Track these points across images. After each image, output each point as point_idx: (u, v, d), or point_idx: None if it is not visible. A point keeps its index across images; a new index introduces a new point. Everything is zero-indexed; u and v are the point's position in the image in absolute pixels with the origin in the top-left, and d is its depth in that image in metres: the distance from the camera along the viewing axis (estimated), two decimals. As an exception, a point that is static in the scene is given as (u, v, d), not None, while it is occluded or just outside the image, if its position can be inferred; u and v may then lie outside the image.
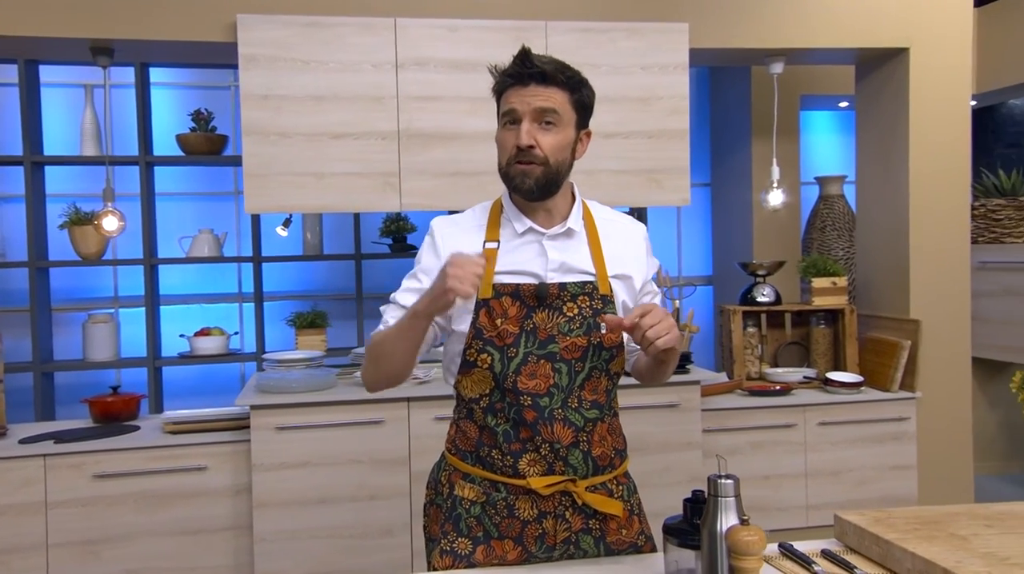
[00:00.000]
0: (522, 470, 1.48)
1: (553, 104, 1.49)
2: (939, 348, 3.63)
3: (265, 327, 4.11)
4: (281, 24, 3.06)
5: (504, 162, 1.53)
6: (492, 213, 1.60)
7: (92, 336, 3.87)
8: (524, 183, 1.50)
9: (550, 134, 1.49)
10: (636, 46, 3.28)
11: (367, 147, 3.13)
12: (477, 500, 1.52)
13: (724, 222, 4.85)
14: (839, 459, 3.52)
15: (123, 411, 3.28)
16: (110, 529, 2.95)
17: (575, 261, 1.55)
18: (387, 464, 3.08)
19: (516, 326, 1.50)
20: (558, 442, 1.48)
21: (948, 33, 3.60)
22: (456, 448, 1.59)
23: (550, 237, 1.55)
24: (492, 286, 1.51)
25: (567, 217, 1.57)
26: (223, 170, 4.29)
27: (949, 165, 3.63)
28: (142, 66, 3.89)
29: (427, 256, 1.60)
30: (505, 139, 1.52)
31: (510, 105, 1.50)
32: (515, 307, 1.51)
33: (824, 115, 5.09)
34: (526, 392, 1.47)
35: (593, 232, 1.59)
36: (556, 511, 1.50)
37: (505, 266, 1.53)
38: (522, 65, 1.49)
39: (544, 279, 1.52)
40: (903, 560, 1.35)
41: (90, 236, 3.79)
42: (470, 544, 1.51)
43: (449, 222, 1.63)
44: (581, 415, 1.50)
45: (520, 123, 1.49)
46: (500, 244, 1.55)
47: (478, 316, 1.51)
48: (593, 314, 1.52)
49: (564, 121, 1.51)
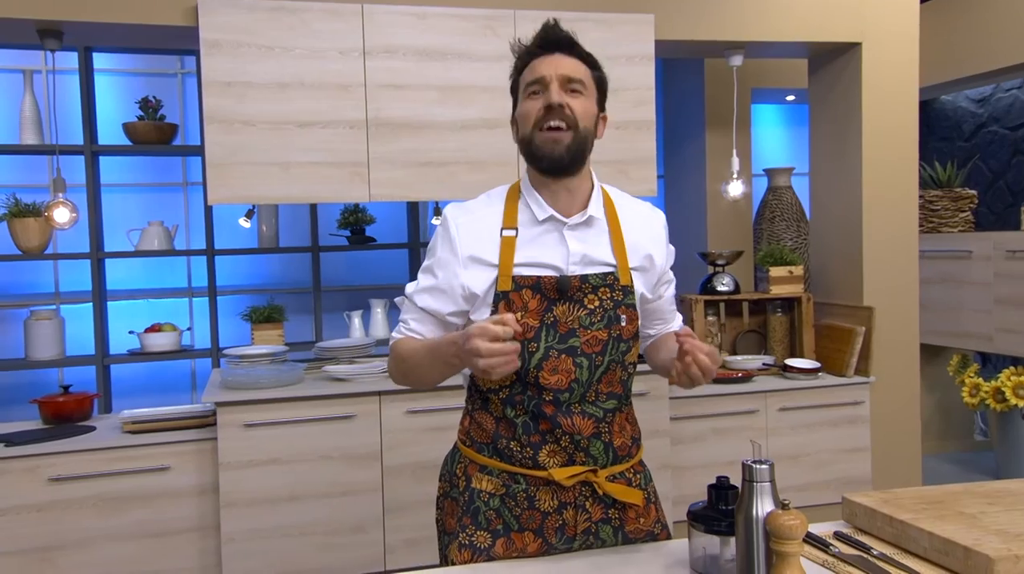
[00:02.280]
0: (542, 461, 1.47)
1: (580, 75, 1.48)
2: (891, 334, 3.75)
3: (219, 322, 3.99)
4: (245, 8, 2.96)
5: (529, 130, 1.47)
6: (509, 198, 1.54)
7: (35, 334, 3.69)
8: (554, 151, 1.45)
9: (578, 100, 1.47)
10: (603, 36, 3.29)
11: (334, 136, 3.06)
12: (496, 492, 1.50)
13: (678, 213, 4.92)
14: (798, 443, 3.62)
15: (76, 411, 3.14)
16: (67, 534, 2.83)
17: (596, 252, 1.51)
18: (359, 459, 3.02)
19: (537, 319, 1.46)
20: (579, 434, 1.47)
21: (898, 29, 3.72)
22: (471, 440, 1.56)
23: (570, 227, 1.51)
24: (512, 278, 1.47)
25: (587, 203, 1.53)
26: (173, 160, 4.13)
27: (899, 156, 3.75)
28: (86, 51, 3.71)
29: (442, 249, 1.53)
30: (530, 107, 1.47)
31: (538, 73, 1.47)
32: (535, 300, 1.47)
33: (771, 108, 5.20)
34: (548, 387, 1.45)
35: (614, 220, 1.54)
36: (576, 502, 1.49)
37: (524, 258, 1.48)
38: (549, 35, 1.49)
39: (565, 271, 1.49)
40: (919, 539, 1.38)
41: (32, 229, 3.61)
42: (489, 537, 1.49)
43: (463, 210, 1.55)
44: (599, 407, 1.49)
45: (548, 90, 1.46)
46: (518, 232, 1.50)
47: (497, 309, 1.47)
48: (614, 306, 1.49)
49: (589, 92, 1.50)
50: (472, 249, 1.50)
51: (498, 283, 1.47)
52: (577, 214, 1.52)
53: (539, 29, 1.50)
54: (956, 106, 5.30)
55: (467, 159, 3.17)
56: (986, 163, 5.08)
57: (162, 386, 4.10)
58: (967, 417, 5.16)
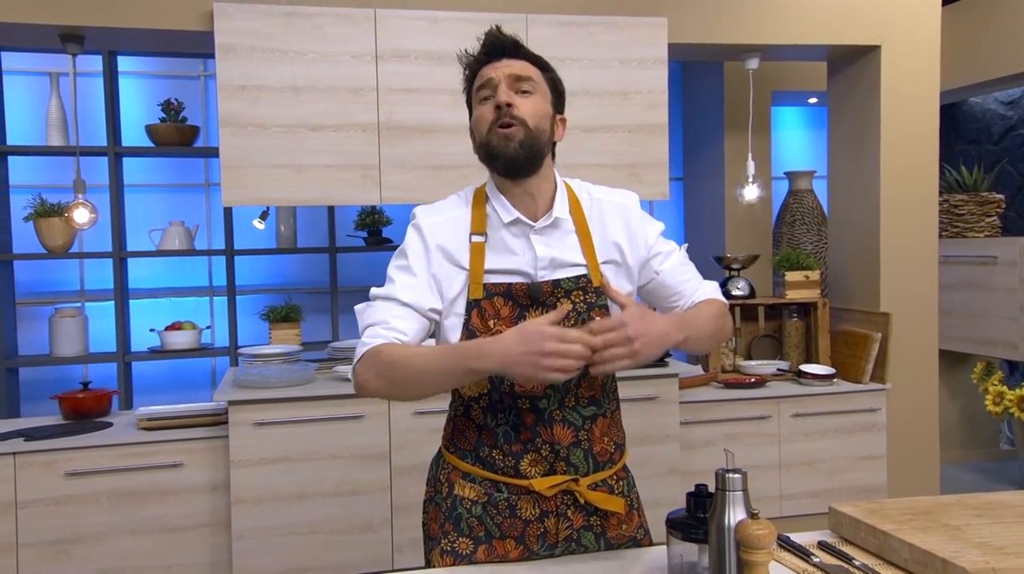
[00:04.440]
0: (523, 471, 1.47)
1: (528, 73, 1.48)
2: (908, 340, 3.70)
3: (238, 321, 4.05)
4: (259, 13, 3.00)
5: (484, 133, 1.46)
6: (475, 202, 1.53)
7: (59, 331, 3.78)
8: (507, 147, 1.43)
9: (528, 99, 1.46)
10: (615, 40, 3.29)
11: (346, 139, 3.09)
12: (478, 500, 1.50)
13: (697, 216, 4.90)
14: (812, 450, 3.59)
15: (95, 407, 3.21)
16: (83, 528, 2.89)
17: (564, 254, 1.50)
18: (367, 459, 3.06)
19: (509, 326, 1.43)
20: (558, 443, 1.47)
21: (918, 31, 3.67)
22: (455, 446, 1.56)
23: (537, 231, 1.50)
24: (483, 286, 1.47)
25: (552, 204, 1.51)
26: (194, 161, 4.21)
27: (918, 161, 3.70)
28: (110, 54, 3.80)
29: (417, 248, 1.50)
30: (483, 112, 1.47)
31: (485, 76, 1.48)
32: (507, 307, 1.47)
33: (793, 111, 5.16)
34: (523, 395, 1.45)
35: (580, 218, 1.53)
36: (558, 510, 1.49)
37: (494, 263, 1.48)
38: (494, 43, 1.49)
39: (534, 276, 1.48)
40: (900, 551, 1.37)
41: (56, 228, 3.70)
42: (471, 544, 1.50)
43: (432, 211, 1.54)
44: (579, 414, 1.49)
45: (496, 91, 1.46)
46: (487, 236, 1.49)
47: (470, 317, 1.46)
48: (587, 308, 1.49)
49: (540, 91, 1.49)
50: (446, 248, 1.49)
51: (470, 291, 1.47)
52: (543, 217, 1.51)
53: (484, 35, 1.51)
54: (985, 108, 5.20)
55: (477, 162, 3.16)
56: (1015, 166, 4.99)
57: (182, 383, 4.18)
58: (993, 426, 5.07)
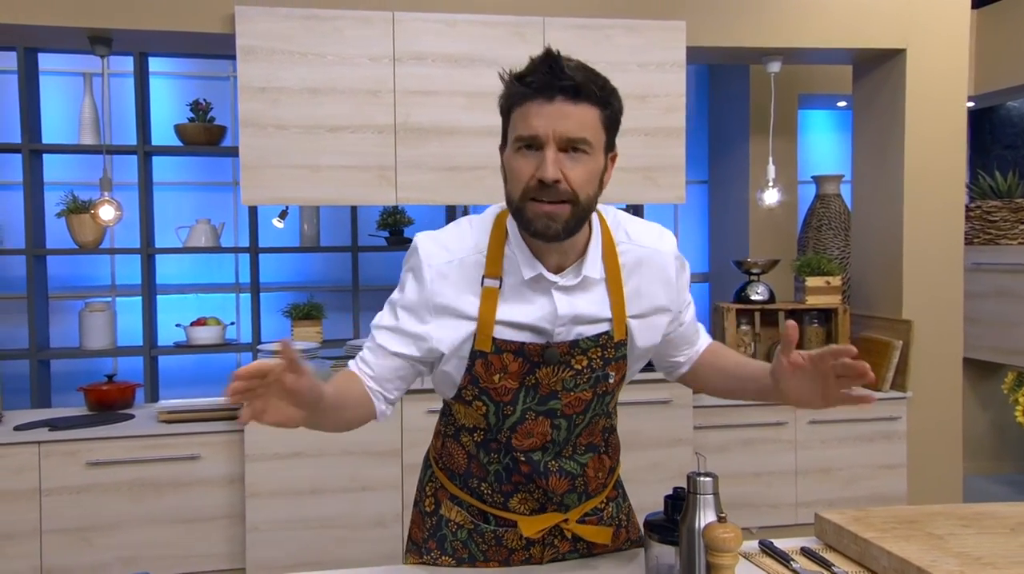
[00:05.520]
0: (512, 507, 1.42)
1: (585, 132, 1.21)
2: (931, 348, 3.65)
3: (261, 318, 4.13)
4: (279, 16, 3.06)
5: (518, 196, 1.24)
6: (493, 239, 1.33)
7: (89, 324, 3.89)
8: (549, 229, 1.22)
9: (580, 165, 1.22)
10: (633, 43, 3.29)
11: (363, 141, 3.14)
12: (464, 525, 1.45)
13: (721, 220, 4.87)
14: (829, 457, 3.55)
15: (118, 399, 3.30)
16: (103, 517, 2.98)
17: (588, 309, 1.33)
18: (379, 456, 3.10)
19: (516, 382, 1.32)
20: (553, 492, 1.40)
21: (945, 35, 3.61)
22: (444, 465, 1.49)
23: (560, 286, 1.31)
24: (492, 339, 1.30)
25: (582, 254, 1.32)
26: (221, 160, 4.29)
27: (944, 166, 3.64)
28: (141, 55, 3.89)
29: (411, 290, 1.33)
30: (520, 168, 1.23)
31: (532, 129, 1.21)
32: (516, 363, 1.31)
33: (822, 114, 5.10)
34: (520, 450, 1.37)
35: (613, 266, 1.35)
36: (544, 540, 1.46)
37: (507, 315, 1.31)
38: (550, 74, 1.20)
39: (552, 334, 1.32)
40: (879, 558, 1.37)
41: (87, 225, 3.80)
42: (453, 562, 1.46)
43: (440, 247, 1.33)
44: (576, 462, 1.42)
45: (542, 150, 1.21)
46: (502, 283, 1.31)
47: (474, 364, 1.32)
48: (604, 365, 1.35)
49: (595, 148, 1.24)
50: (447, 299, 1.31)
51: (476, 341, 1.31)
52: (570, 270, 1.33)
53: (537, 59, 1.22)
54: (1023, 112, 5.09)
55: (493, 164, 3.17)
56: (1052, 172, 4.87)
57: (207, 378, 4.26)
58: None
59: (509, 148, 1.27)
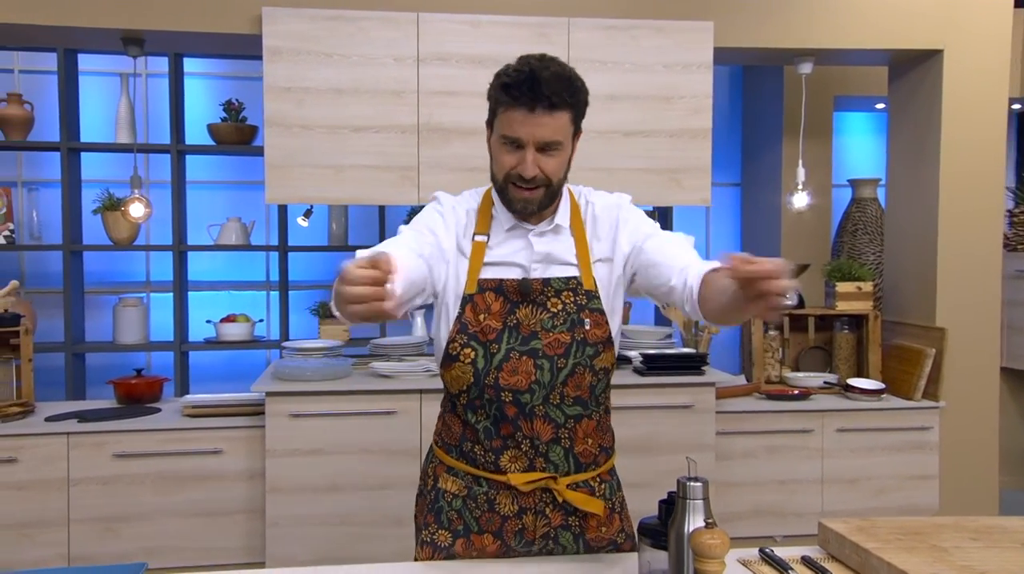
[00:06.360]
0: (503, 466, 1.49)
1: (559, 136, 1.44)
2: (966, 357, 3.55)
3: (290, 315, 4.18)
4: (305, 17, 3.10)
5: (501, 179, 1.49)
6: (484, 201, 1.59)
7: (122, 319, 3.97)
8: (527, 208, 1.50)
9: (553, 159, 1.46)
10: (660, 44, 3.26)
11: (387, 141, 3.16)
12: (459, 494, 1.53)
13: (753, 222, 4.80)
14: (857, 467, 3.47)
15: (146, 393, 3.36)
16: (129, 507, 3.04)
17: (560, 252, 1.55)
18: (398, 454, 3.11)
19: (499, 322, 1.49)
20: (538, 438, 1.48)
21: (985, 35, 3.52)
22: (442, 441, 1.60)
23: (536, 233, 1.55)
24: (476, 281, 1.51)
25: (554, 213, 1.57)
26: (253, 160, 4.35)
27: (982, 170, 3.54)
28: (176, 56, 3.97)
29: (436, 216, 1.57)
30: (504, 159, 1.47)
31: (515, 133, 1.43)
32: (498, 302, 1.50)
33: (860, 116, 5.00)
34: (507, 388, 1.47)
35: (578, 223, 1.58)
36: (536, 507, 1.51)
37: (491, 258, 1.53)
38: (531, 92, 1.40)
39: (528, 270, 1.53)
40: (879, 569, 1.33)
41: (122, 222, 3.89)
42: (450, 536, 1.53)
43: (454, 199, 1.62)
44: (562, 412, 1.49)
45: (523, 149, 1.45)
46: (489, 237, 1.55)
47: (463, 311, 1.51)
48: (577, 310, 1.51)
49: (566, 143, 1.48)
50: (460, 230, 1.56)
51: (466, 286, 1.51)
52: (544, 223, 1.56)
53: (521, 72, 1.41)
54: (1069, 116, 4.93)
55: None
56: (1099, 178, 4.71)
57: (237, 374, 4.32)
58: (1068, 451, 4.80)
59: (495, 136, 1.50)
